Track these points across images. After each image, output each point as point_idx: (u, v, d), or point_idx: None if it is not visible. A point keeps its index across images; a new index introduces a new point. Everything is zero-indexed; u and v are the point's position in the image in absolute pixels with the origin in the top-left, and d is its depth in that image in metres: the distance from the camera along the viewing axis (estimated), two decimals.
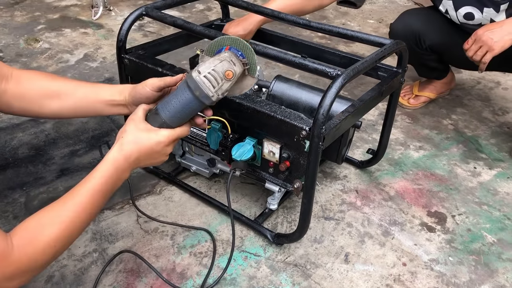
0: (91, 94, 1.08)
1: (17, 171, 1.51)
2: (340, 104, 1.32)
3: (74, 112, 1.10)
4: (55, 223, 0.84)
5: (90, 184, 0.88)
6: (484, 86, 2.24)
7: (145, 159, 0.95)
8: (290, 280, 1.21)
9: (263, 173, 1.28)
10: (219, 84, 0.95)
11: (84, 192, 0.88)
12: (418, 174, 1.63)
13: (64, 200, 0.87)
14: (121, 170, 0.92)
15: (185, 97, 0.96)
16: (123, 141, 0.93)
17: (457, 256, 1.31)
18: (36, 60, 2.25)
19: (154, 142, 0.95)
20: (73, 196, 0.87)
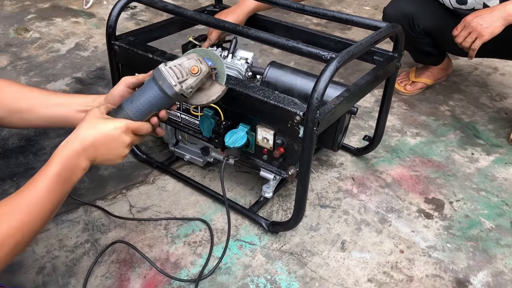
0: (66, 102, 1.07)
1: (7, 162, 1.48)
2: (334, 90, 1.29)
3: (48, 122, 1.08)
4: (15, 212, 0.81)
5: (46, 171, 0.86)
6: (482, 72, 2.21)
7: (101, 145, 0.91)
8: (286, 269, 1.19)
9: (257, 160, 1.26)
10: (184, 77, 0.96)
11: (41, 180, 0.85)
12: (415, 160, 1.61)
13: (22, 190, 0.84)
14: (76, 155, 0.88)
15: (149, 87, 0.96)
16: (79, 128, 0.91)
17: (455, 242, 1.30)
18: (26, 50, 2.20)
19: (111, 127, 0.91)
20: (31, 185, 0.85)
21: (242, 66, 1.39)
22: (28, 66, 2.07)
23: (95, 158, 0.91)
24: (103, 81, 1.95)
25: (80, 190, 1.39)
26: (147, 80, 0.99)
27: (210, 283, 1.14)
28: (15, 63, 2.09)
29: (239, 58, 1.41)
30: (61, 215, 1.30)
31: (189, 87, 0.97)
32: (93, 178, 1.44)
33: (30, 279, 1.12)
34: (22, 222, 0.81)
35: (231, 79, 1.20)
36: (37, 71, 2.02)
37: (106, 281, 1.13)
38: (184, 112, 1.31)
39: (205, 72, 0.99)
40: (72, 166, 0.88)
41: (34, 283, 1.11)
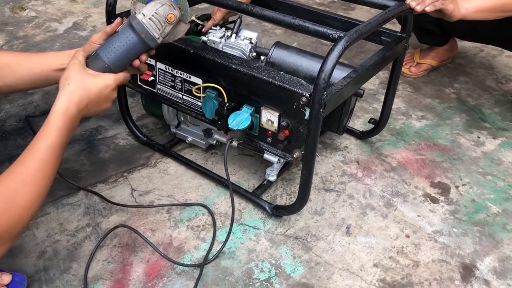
0: (41, 62, 1.08)
1: (5, 143, 1.45)
2: (341, 71, 1.26)
3: (28, 82, 1.09)
4: (25, 185, 0.83)
5: (47, 139, 0.86)
6: (487, 54, 2.17)
7: (93, 105, 0.93)
8: (291, 253, 1.17)
9: (261, 143, 1.23)
10: (163, 26, 0.97)
11: (44, 148, 0.85)
12: (420, 144, 1.58)
13: (25, 160, 0.85)
14: (74, 119, 0.90)
15: (130, 39, 0.96)
16: (70, 88, 0.90)
17: (461, 227, 1.28)
18: (22, 29, 2.15)
19: (102, 86, 0.93)
20: (33, 154, 0.85)
21: (246, 47, 1.35)
22: (25, 45, 2.02)
23: (86, 115, 0.95)
24: None
25: (81, 173, 1.37)
26: (123, 29, 0.97)
27: (214, 268, 1.12)
28: (11, 42, 2.04)
29: (243, 38, 1.37)
30: (61, 198, 1.27)
31: (166, 35, 0.99)
32: (93, 161, 1.41)
33: (31, 264, 1.10)
34: (34, 194, 0.84)
35: (235, 59, 1.17)
36: (34, 51, 1.97)
37: (109, 266, 1.11)
38: (186, 93, 1.28)
39: (178, 18, 1.00)
40: (71, 130, 0.91)
41: (35, 267, 1.09)
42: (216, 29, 1.39)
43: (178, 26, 1.03)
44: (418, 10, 1.23)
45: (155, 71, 1.29)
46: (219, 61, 1.16)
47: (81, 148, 1.46)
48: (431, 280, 1.13)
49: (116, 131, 1.54)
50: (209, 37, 1.36)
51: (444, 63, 2.04)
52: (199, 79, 1.23)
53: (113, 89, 0.96)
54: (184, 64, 1.24)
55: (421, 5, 1.23)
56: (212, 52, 1.19)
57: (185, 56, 1.21)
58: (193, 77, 1.24)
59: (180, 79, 1.27)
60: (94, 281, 1.07)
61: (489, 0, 1.36)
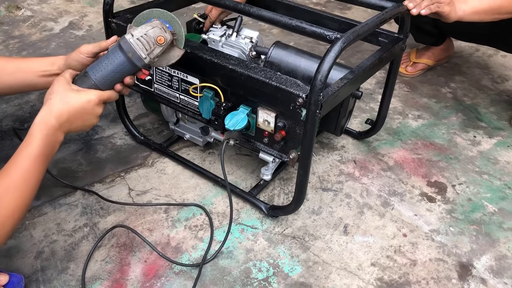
0: (25, 67, 1.07)
1: (2, 144, 1.44)
2: (338, 72, 1.26)
3: (10, 87, 1.08)
4: (9, 194, 0.84)
5: (29, 149, 0.87)
6: (483, 54, 2.19)
7: (76, 119, 0.94)
8: (289, 253, 1.17)
9: (258, 143, 1.23)
10: (151, 48, 0.98)
11: (25, 158, 0.87)
12: (417, 143, 1.59)
13: (8, 171, 0.86)
14: (54, 131, 0.90)
15: (117, 58, 0.97)
16: (52, 102, 0.92)
17: (458, 226, 1.29)
18: (18, 29, 2.14)
19: (84, 100, 0.94)
20: (15, 164, 0.87)
21: (246, 45, 1.35)
22: (20, 45, 2.01)
23: (69, 130, 0.95)
24: None
25: (78, 173, 1.36)
26: (112, 48, 0.99)
27: (212, 268, 1.12)
28: (7, 42, 2.03)
29: (243, 37, 1.37)
30: (58, 199, 1.27)
31: (155, 57, 0.99)
32: (90, 161, 1.41)
33: (28, 264, 1.10)
34: (17, 203, 0.85)
35: (232, 59, 1.17)
36: (30, 51, 1.97)
37: (106, 266, 1.11)
38: (183, 92, 1.28)
39: (169, 41, 1.01)
40: (52, 143, 0.91)
41: (33, 267, 1.09)
42: (217, 27, 1.39)
43: (172, 51, 1.05)
44: (414, 13, 1.24)
45: (152, 70, 1.29)
46: (216, 61, 1.16)
47: (77, 148, 1.45)
48: (428, 279, 1.14)
49: (113, 131, 1.53)
50: (209, 35, 1.36)
51: (440, 62, 2.05)
52: (196, 79, 1.23)
53: (96, 104, 0.95)
54: (181, 64, 1.24)
55: (417, 8, 1.24)
56: (209, 52, 1.19)
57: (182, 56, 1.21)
58: (190, 77, 1.24)
59: (177, 78, 1.27)
60: (92, 281, 1.07)
61: (486, 2, 1.37)
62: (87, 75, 0.98)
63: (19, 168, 0.86)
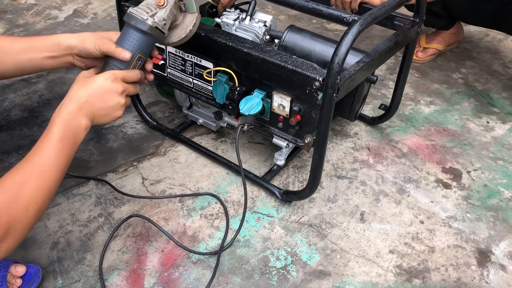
0: (29, 47, 1.02)
1: (11, 134, 1.42)
2: (353, 56, 1.24)
3: (16, 68, 1.03)
4: (31, 180, 0.82)
5: (49, 135, 0.85)
6: (493, 38, 2.16)
7: (96, 99, 0.90)
8: (306, 241, 1.16)
9: (272, 128, 1.21)
10: (152, 11, 0.95)
11: (48, 145, 0.85)
12: (430, 129, 1.57)
13: (31, 157, 0.84)
14: (74, 114, 0.88)
15: (125, 33, 0.95)
16: (71, 90, 0.91)
17: (474, 212, 1.28)
18: (22, 17, 2.11)
19: (100, 80, 0.91)
20: (38, 151, 0.85)
21: (260, 29, 1.32)
22: (25, 34, 1.98)
23: (93, 115, 0.91)
24: None
25: (90, 162, 1.35)
26: (122, 30, 0.97)
27: (230, 256, 1.11)
28: (11, 30, 2.00)
29: (257, 21, 1.35)
30: (71, 189, 1.26)
31: (161, 20, 0.95)
32: (102, 151, 1.39)
33: (45, 255, 1.09)
34: (39, 188, 0.82)
35: (247, 43, 1.15)
36: None
37: (123, 256, 1.10)
38: (196, 77, 1.26)
39: (172, 2, 0.96)
40: (73, 127, 0.88)
41: (49, 258, 1.08)
42: (230, 11, 1.37)
43: (186, 19, 1.02)
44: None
45: (165, 54, 1.27)
46: (230, 44, 1.14)
47: (88, 138, 1.43)
48: (447, 265, 1.13)
49: (124, 120, 1.51)
50: (223, 19, 1.33)
51: (450, 47, 2.02)
52: (210, 63, 1.21)
53: (112, 81, 0.91)
54: (194, 48, 1.22)
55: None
56: (224, 35, 1.17)
57: (196, 40, 1.19)
58: (203, 61, 1.22)
59: (191, 63, 1.25)
60: (109, 271, 1.06)
61: None
62: (106, 61, 0.96)
63: (41, 155, 0.84)
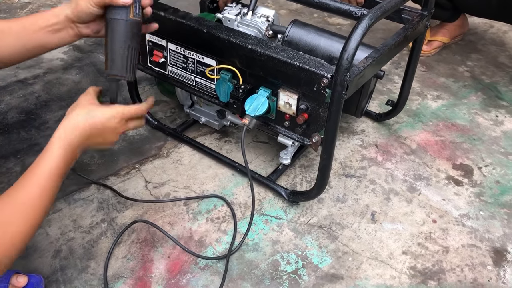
0: (30, 24, 0.95)
1: (9, 137, 1.38)
2: (360, 52, 1.20)
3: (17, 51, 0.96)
4: (22, 211, 0.79)
5: (47, 166, 0.82)
6: (498, 30, 2.12)
7: (97, 136, 0.88)
8: (316, 243, 1.13)
9: (278, 127, 1.17)
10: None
11: (42, 175, 0.81)
12: (438, 125, 1.53)
13: (23, 185, 0.80)
14: (74, 148, 0.85)
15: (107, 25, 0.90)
16: (76, 116, 0.86)
17: (488, 210, 1.24)
18: (16, 16, 2.05)
19: (109, 116, 0.88)
20: (31, 180, 0.81)
21: (262, 24, 1.29)
22: None
23: (87, 147, 0.90)
24: (102, 47, 1.82)
25: (90, 166, 1.30)
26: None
27: (238, 261, 1.08)
28: None
29: (259, 15, 1.30)
30: (72, 194, 1.22)
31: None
32: (102, 153, 1.35)
33: (47, 264, 1.05)
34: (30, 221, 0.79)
35: (251, 39, 1.10)
36: None
37: (128, 263, 1.06)
38: (198, 75, 1.22)
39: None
40: (70, 160, 0.86)
41: (51, 267, 1.04)
42: (231, 6, 1.33)
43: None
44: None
45: (166, 52, 1.23)
46: (234, 41, 1.10)
47: None
48: (462, 266, 1.10)
49: None
50: (224, 15, 1.29)
51: (455, 40, 1.98)
52: (213, 61, 1.17)
53: (119, 122, 0.89)
54: (197, 45, 1.17)
55: None
56: (227, 31, 1.12)
57: (198, 36, 1.15)
58: (206, 58, 1.18)
59: (193, 60, 1.21)
60: (114, 279, 1.02)
61: None
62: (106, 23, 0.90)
63: (35, 184, 0.80)
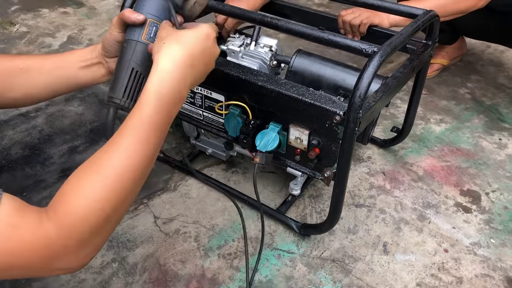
0: (62, 62, 0.93)
1: (13, 174, 1.36)
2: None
3: (49, 88, 0.93)
4: (97, 180, 0.65)
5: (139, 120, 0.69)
6: (495, 50, 2.15)
7: (199, 63, 0.78)
8: (330, 278, 1.12)
9: (289, 161, 1.17)
10: None
11: (133, 130, 0.68)
12: (443, 150, 1.54)
13: (108, 147, 0.68)
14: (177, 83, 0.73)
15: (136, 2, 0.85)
16: (166, 46, 0.74)
17: (498, 237, 1.24)
18: (15, 46, 2.05)
19: (203, 36, 0.78)
20: (118, 139, 0.68)
21: (266, 55, 1.29)
22: None
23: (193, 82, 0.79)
24: None
25: None
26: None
27: None
28: None
29: (262, 45, 1.31)
30: None
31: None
32: None
33: None
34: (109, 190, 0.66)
35: (260, 75, 1.11)
36: None
37: None
38: (206, 109, 1.21)
39: None
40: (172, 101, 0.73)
41: None
42: (235, 37, 1.33)
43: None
44: None
45: None
46: (243, 77, 1.10)
47: None
48: None
49: None
50: (228, 46, 1.29)
51: (454, 61, 2.00)
52: (221, 96, 1.17)
53: (214, 39, 0.80)
54: (205, 81, 1.17)
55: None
56: (236, 68, 1.13)
57: None
58: (214, 94, 1.18)
59: (200, 95, 1.21)
60: None
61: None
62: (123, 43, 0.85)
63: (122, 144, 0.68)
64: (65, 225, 0.62)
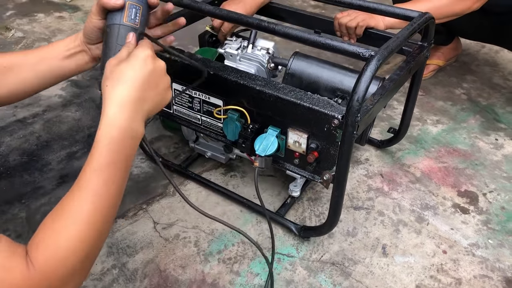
0: (44, 54, 0.93)
1: (12, 181, 1.36)
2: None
3: (35, 83, 0.94)
4: (73, 222, 0.67)
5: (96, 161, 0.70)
6: (490, 50, 2.16)
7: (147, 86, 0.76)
8: (330, 281, 1.12)
9: (288, 165, 1.17)
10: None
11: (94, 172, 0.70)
12: (440, 151, 1.55)
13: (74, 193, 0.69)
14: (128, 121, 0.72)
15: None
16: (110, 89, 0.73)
17: (496, 238, 1.25)
18: (11, 52, 2.04)
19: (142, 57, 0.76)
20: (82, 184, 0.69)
21: (263, 57, 1.30)
22: None
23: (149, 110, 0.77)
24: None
25: None
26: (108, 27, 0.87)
27: None
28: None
29: (259, 48, 1.32)
30: None
31: None
32: None
33: None
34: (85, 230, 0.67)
35: (259, 80, 1.11)
36: None
37: None
38: (205, 114, 1.22)
39: None
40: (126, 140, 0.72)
41: None
42: (231, 40, 1.34)
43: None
44: None
45: (171, 91, 1.23)
46: (242, 82, 1.10)
47: None
48: None
49: None
50: (226, 50, 1.29)
51: (450, 62, 2.01)
52: (219, 100, 1.17)
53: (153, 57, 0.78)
54: (203, 86, 1.18)
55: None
56: (234, 73, 1.13)
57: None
58: (212, 98, 1.18)
59: (199, 100, 1.21)
60: None
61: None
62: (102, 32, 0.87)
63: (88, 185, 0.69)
64: (48, 271, 0.65)
